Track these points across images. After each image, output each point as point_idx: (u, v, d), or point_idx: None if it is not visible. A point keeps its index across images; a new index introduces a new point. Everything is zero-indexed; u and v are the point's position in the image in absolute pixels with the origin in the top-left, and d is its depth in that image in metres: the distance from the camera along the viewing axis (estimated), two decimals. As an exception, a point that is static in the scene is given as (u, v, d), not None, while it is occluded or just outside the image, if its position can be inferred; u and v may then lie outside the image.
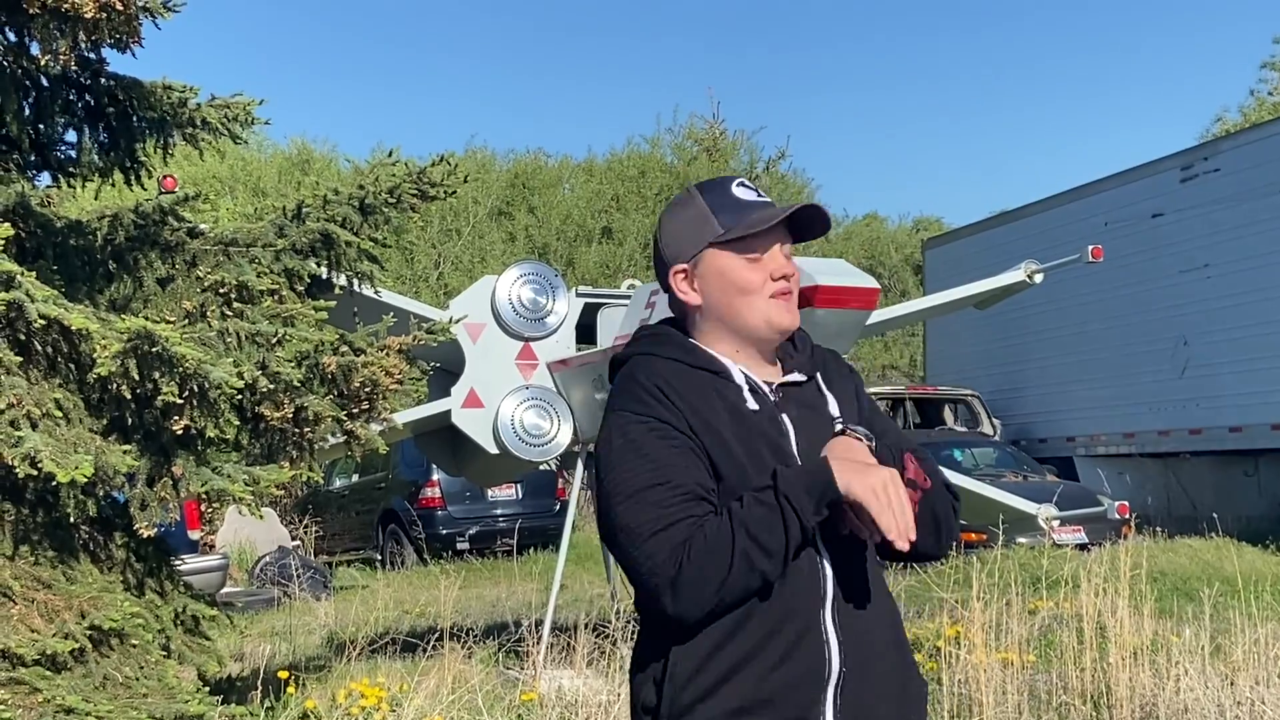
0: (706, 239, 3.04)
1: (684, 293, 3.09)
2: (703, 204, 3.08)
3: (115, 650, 6.58)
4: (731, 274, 3.04)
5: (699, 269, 3.06)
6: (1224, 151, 20.65)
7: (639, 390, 2.98)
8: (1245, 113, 40.13)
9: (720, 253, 3.04)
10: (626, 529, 2.86)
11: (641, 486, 2.86)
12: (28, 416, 6.26)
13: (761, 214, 3.05)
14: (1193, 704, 7.61)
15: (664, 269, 3.13)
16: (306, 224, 8.00)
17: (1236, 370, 19.45)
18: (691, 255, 3.06)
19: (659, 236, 3.16)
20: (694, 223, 3.07)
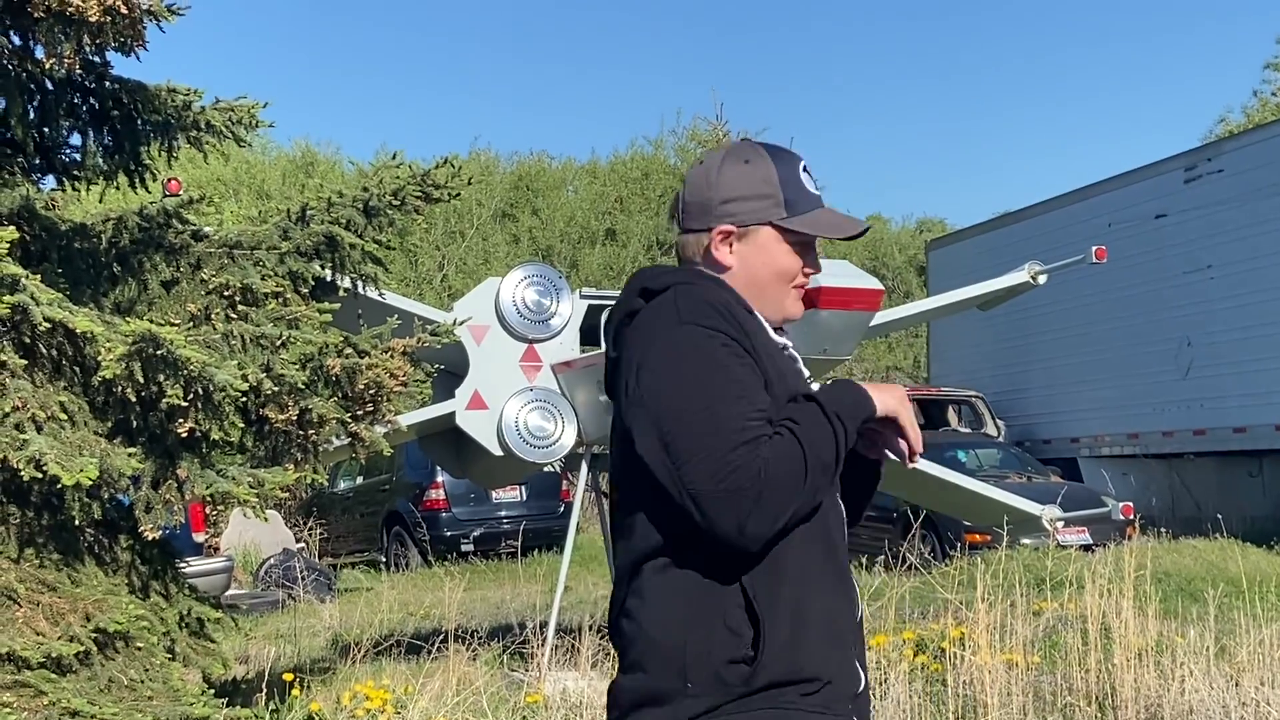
0: (770, 217, 3.02)
1: (719, 252, 3.04)
2: (774, 173, 3.04)
3: (120, 653, 6.59)
4: (779, 259, 3.04)
5: (746, 238, 3.03)
6: (1227, 152, 20.65)
7: (706, 307, 2.88)
8: (1249, 113, 40.09)
9: (775, 234, 3.03)
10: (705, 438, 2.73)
11: (722, 398, 2.77)
12: (33, 419, 6.27)
13: (829, 218, 3.07)
14: (1198, 705, 7.61)
15: (704, 215, 3.05)
16: (311, 226, 8.00)
17: (1240, 371, 19.45)
18: (746, 223, 3.02)
19: (710, 180, 3.06)
20: (760, 190, 3.02)
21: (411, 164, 8.50)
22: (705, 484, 2.70)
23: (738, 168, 3.05)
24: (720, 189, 3.04)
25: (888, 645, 8.27)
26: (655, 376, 2.83)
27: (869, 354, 38.21)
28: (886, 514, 18.38)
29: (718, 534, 2.72)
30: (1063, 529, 13.17)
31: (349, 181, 28.58)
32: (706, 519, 2.72)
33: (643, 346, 2.88)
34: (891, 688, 7.58)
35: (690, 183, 3.11)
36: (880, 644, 8.26)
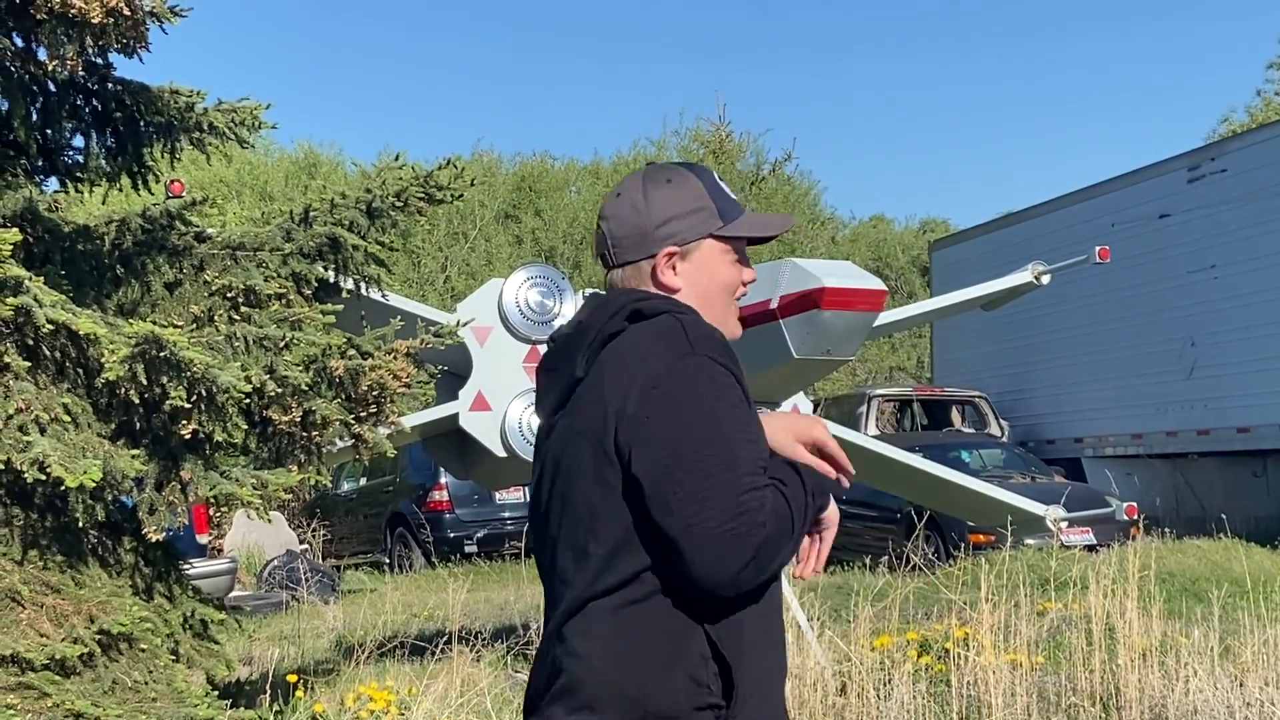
0: (709, 229, 2.98)
1: (666, 275, 2.98)
2: (701, 189, 3.01)
3: (124, 654, 6.59)
4: (722, 272, 3.00)
5: (689, 257, 2.98)
6: (1231, 152, 20.64)
7: (717, 342, 2.82)
8: (1252, 113, 40.08)
9: (717, 246, 2.99)
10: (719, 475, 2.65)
11: (737, 439, 2.70)
12: (36, 421, 6.27)
13: (762, 219, 3.10)
14: (1202, 705, 7.61)
15: (642, 244, 2.99)
16: (313, 228, 8.01)
17: (1244, 371, 19.44)
18: (687, 240, 2.98)
19: (639, 207, 3.00)
20: (694, 205, 2.99)
21: (414, 165, 8.51)
22: (712, 523, 2.62)
23: (663, 189, 3.01)
24: (654, 213, 2.99)
25: (892, 646, 8.27)
26: (670, 404, 2.73)
27: (872, 354, 38.19)
28: (890, 514, 18.39)
29: (708, 576, 2.63)
30: (1067, 529, 13.19)
31: (352, 183, 28.62)
32: (701, 558, 2.63)
33: (647, 369, 2.76)
34: (895, 688, 7.58)
35: (615, 216, 3.04)
36: (884, 645, 8.26)
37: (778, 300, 8.95)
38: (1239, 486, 20.59)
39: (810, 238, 38.78)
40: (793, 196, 40.20)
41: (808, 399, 12.53)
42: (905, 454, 13.08)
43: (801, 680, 7.92)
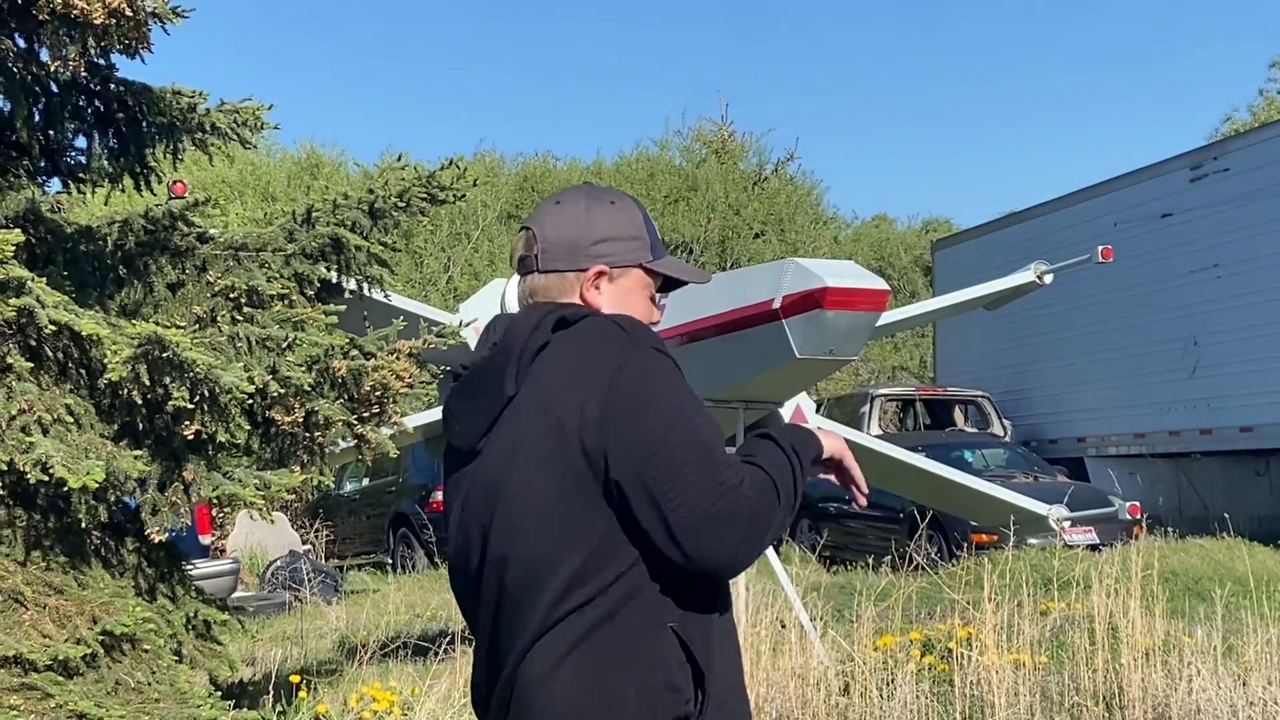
0: (640, 259, 3.03)
1: (592, 293, 2.99)
2: (639, 219, 3.06)
3: (127, 655, 6.59)
4: (640, 301, 3.04)
5: (616, 280, 3.02)
6: (1233, 151, 20.63)
7: (654, 336, 2.87)
8: (1255, 112, 40.10)
9: (642, 278, 3.05)
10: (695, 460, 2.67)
11: (701, 422, 2.74)
12: (39, 422, 6.27)
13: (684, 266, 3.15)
14: (1205, 704, 7.60)
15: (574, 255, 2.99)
16: (316, 228, 8.01)
17: (1247, 370, 19.43)
18: (618, 264, 3.01)
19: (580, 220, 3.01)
20: (630, 232, 3.04)
21: (416, 165, 8.51)
22: (700, 508, 2.63)
23: (606, 209, 3.03)
24: (593, 229, 3.00)
25: (895, 646, 8.27)
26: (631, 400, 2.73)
27: (875, 354, 38.19)
28: (893, 514, 18.39)
29: (708, 559, 2.64)
30: (1069, 529, 13.20)
31: (354, 183, 28.63)
32: (697, 545, 2.63)
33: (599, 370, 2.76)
34: (899, 688, 7.58)
35: (550, 222, 3.03)
36: (887, 644, 8.25)
37: (780, 300, 8.94)
38: (1242, 485, 20.59)
39: (813, 237, 38.80)
40: (795, 196, 40.20)
41: (810, 399, 12.53)
42: (908, 454, 13.07)
43: (805, 680, 7.92)
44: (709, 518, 2.63)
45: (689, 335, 9.89)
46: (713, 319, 9.64)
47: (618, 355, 2.76)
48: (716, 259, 36.86)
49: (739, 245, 37.29)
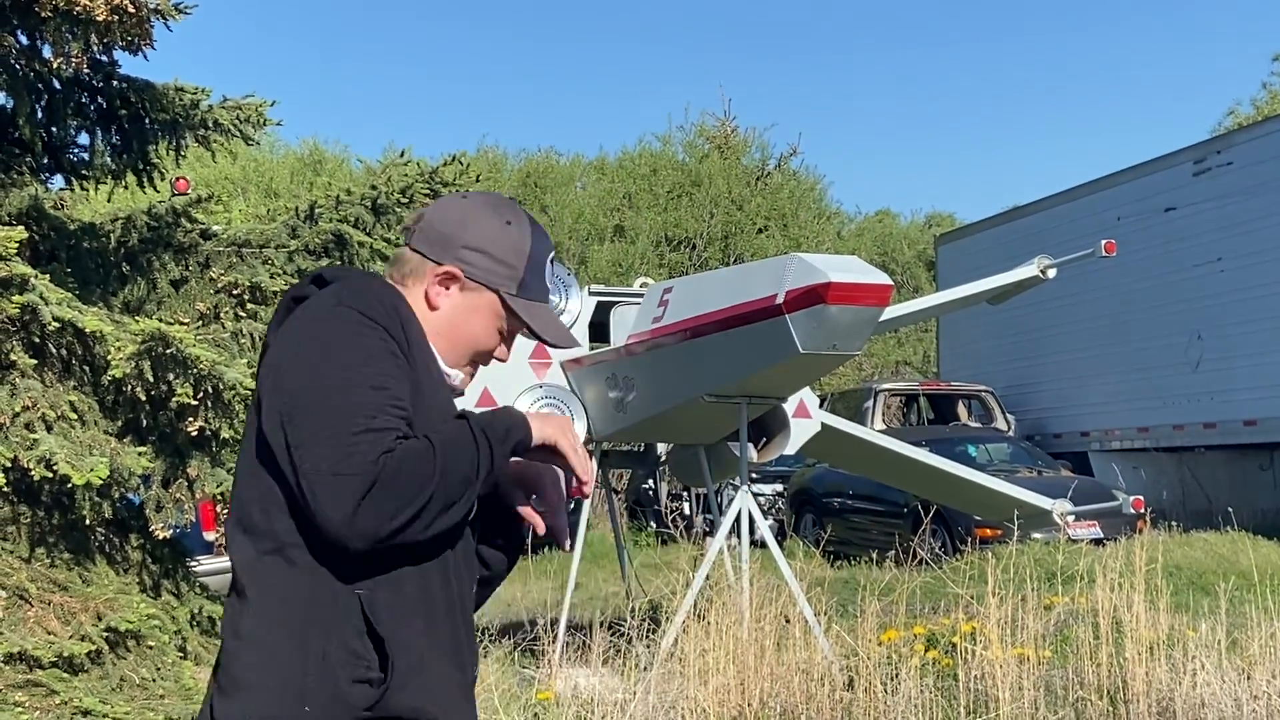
0: (501, 286, 2.90)
1: (436, 293, 2.89)
2: (526, 249, 2.93)
3: (132, 652, 6.59)
4: (482, 329, 2.92)
5: (467, 291, 2.90)
6: (1237, 144, 20.61)
7: (371, 298, 2.74)
8: (1258, 105, 40.07)
9: (495, 305, 2.90)
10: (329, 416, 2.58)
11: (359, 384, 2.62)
12: (43, 419, 6.28)
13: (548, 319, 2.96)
14: (1209, 698, 7.60)
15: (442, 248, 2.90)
16: (319, 224, 8.01)
17: (1251, 364, 19.42)
18: (476, 279, 2.89)
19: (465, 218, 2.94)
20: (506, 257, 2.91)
21: (419, 161, 8.52)
22: (322, 464, 2.54)
23: (497, 222, 2.94)
24: (470, 233, 2.91)
25: (899, 640, 8.27)
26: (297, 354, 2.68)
27: (879, 349, 38.21)
28: (897, 509, 18.40)
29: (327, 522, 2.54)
30: (1073, 523, 13.20)
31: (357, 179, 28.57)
32: (318, 503, 2.54)
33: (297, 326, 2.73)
34: (903, 683, 7.57)
35: (443, 208, 2.98)
36: (891, 639, 8.25)
37: (783, 295, 8.94)
38: (1246, 479, 20.58)
39: (816, 232, 38.77)
40: (798, 191, 40.17)
41: (814, 394, 12.53)
42: (912, 448, 13.08)
43: (809, 675, 7.92)
44: (330, 478, 2.53)
45: (692, 331, 9.89)
46: (716, 314, 9.63)
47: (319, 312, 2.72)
48: (719, 254, 36.86)
49: (742, 240, 37.27)
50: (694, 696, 7.68)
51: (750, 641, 8.05)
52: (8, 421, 6.20)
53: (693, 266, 35.69)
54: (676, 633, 8.56)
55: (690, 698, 7.68)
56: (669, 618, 9.10)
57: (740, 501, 10.15)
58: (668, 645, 8.51)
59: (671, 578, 9.45)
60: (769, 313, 9.08)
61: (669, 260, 36.26)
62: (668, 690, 7.85)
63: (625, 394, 10.65)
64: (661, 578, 9.73)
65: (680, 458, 12.56)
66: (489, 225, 2.93)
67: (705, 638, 8.09)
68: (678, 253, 36.95)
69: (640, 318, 10.71)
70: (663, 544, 19.03)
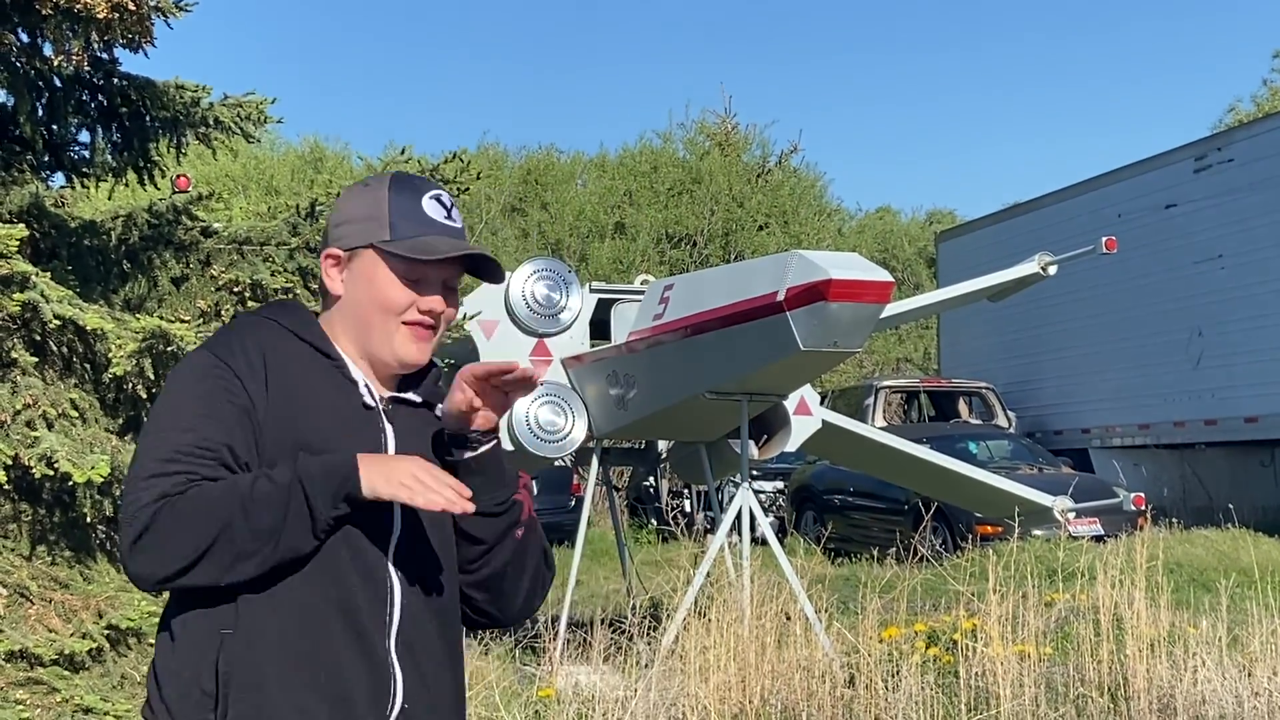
0: (371, 239, 2.78)
1: (330, 279, 2.84)
2: (384, 197, 2.81)
3: (133, 649, 6.59)
4: (381, 286, 2.78)
5: (352, 263, 2.80)
6: (1237, 141, 20.62)
7: (234, 342, 2.76)
8: (1258, 102, 40.06)
9: (379, 259, 2.78)
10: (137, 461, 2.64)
11: (174, 425, 2.65)
12: (44, 417, 6.27)
13: (434, 241, 2.79)
14: (1210, 695, 7.61)
15: (323, 241, 2.87)
16: (320, 222, 7.99)
17: (1251, 360, 19.42)
18: (351, 246, 2.80)
19: (337, 206, 2.91)
20: (367, 212, 2.80)
21: (420, 159, 8.51)
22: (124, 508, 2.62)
23: (353, 195, 2.89)
24: (336, 212, 2.88)
25: (899, 637, 8.27)
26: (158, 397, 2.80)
27: (879, 346, 38.21)
28: (898, 506, 18.42)
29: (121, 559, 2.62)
30: (1074, 520, 13.21)
31: (358, 177, 28.59)
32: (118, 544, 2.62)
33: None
34: (904, 680, 7.58)
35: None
36: (892, 636, 8.26)
37: (784, 293, 8.94)
38: (1246, 476, 20.59)
39: (817, 229, 38.79)
40: (799, 188, 40.18)
41: (815, 391, 12.53)
42: (912, 446, 13.09)
43: (810, 672, 7.92)
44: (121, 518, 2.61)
45: (693, 328, 9.90)
46: (717, 311, 9.64)
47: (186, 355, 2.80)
48: (720, 251, 36.86)
49: (743, 237, 37.28)
50: (695, 693, 7.68)
51: (751, 639, 8.05)
52: (8, 419, 6.20)
53: (693, 264, 35.71)
54: (677, 630, 8.57)
55: (691, 695, 7.68)
56: (670, 615, 9.11)
57: (741, 499, 10.16)
58: (668, 642, 8.52)
59: (672, 575, 9.45)
60: (770, 310, 9.09)
61: (670, 257, 36.28)
62: (669, 687, 7.85)
63: (626, 391, 10.65)
64: (662, 575, 9.74)
65: (681, 455, 12.58)
66: (348, 197, 2.90)
67: (706, 635, 8.10)
68: (678, 250, 36.96)
69: (641, 315, 10.71)
70: (663, 541, 19.03)
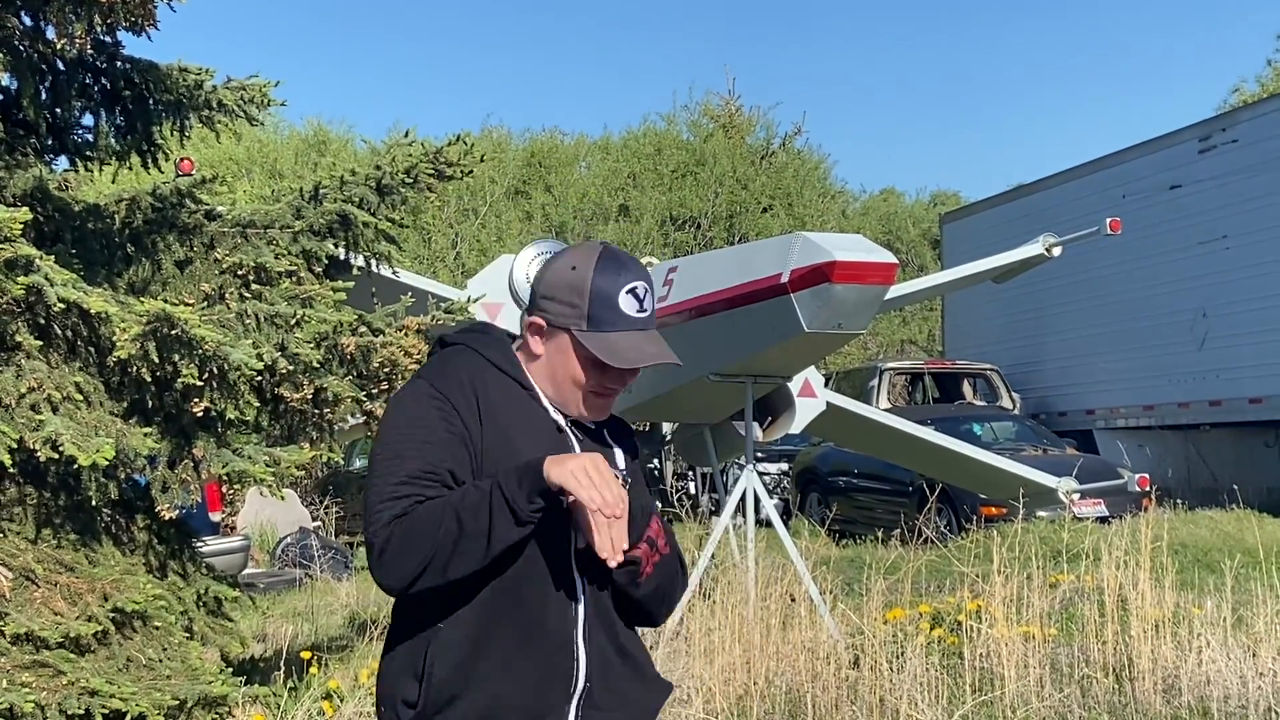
0: (570, 325, 3.12)
1: (532, 342, 3.17)
2: (587, 285, 3.10)
3: (138, 632, 6.60)
4: (573, 367, 3.13)
5: (552, 337, 3.15)
6: (1242, 122, 20.57)
7: (447, 370, 3.14)
8: (1263, 83, 39.97)
9: (574, 342, 3.12)
10: (374, 486, 3.00)
11: (402, 453, 3.01)
12: (49, 400, 6.28)
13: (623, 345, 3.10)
14: (1215, 675, 7.61)
15: (530, 302, 3.20)
16: (324, 205, 8.00)
17: (1256, 341, 19.40)
18: (552, 324, 3.14)
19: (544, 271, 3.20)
20: (569, 296, 3.11)
21: (424, 142, 8.49)
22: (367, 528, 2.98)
23: (562, 269, 3.16)
24: (543, 283, 3.18)
25: (904, 619, 8.28)
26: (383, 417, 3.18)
27: (884, 328, 38.21)
28: (903, 488, 18.40)
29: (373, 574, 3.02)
30: (1079, 501, 13.21)
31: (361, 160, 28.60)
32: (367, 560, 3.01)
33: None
34: (908, 661, 7.59)
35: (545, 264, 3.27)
36: (897, 617, 8.27)
37: (789, 274, 8.93)
38: (1251, 457, 20.58)
39: (820, 211, 38.77)
40: (803, 170, 40.14)
41: (819, 373, 12.53)
42: (917, 427, 13.09)
43: (815, 654, 7.93)
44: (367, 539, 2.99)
45: (697, 310, 9.89)
46: (721, 293, 9.63)
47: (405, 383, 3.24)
48: (724, 233, 36.85)
49: (747, 220, 37.26)
50: (700, 675, 7.69)
51: (756, 620, 8.06)
52: (14, 403, 6.21)
53: (697, 246, 35.70)
54: (682, 612, 8.57)
55: (696, 676, 7.69)
56: (675, 597, 9.09)
57: (745, 481, 10.15)
58: (673, 624, 8.52)
59: (677, 557, 9.45)
60: (774, 291, 9.08)
61: (674, 240, 36.26)
62: (673, 669, 7.86)
63: (630, 373, 10.64)
64: (667, 557, 9.73)
65: (685, 437, 12.57)
66: (556, 272, 3.16)
67: (711, 617, 8.11)
68: (682, 232, 36.95)
69: (645, 297, 10.69)
70: (668, 523, 19.02)
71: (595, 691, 3.11)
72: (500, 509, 2.89)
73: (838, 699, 7.51)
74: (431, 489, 2.97)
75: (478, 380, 3.11)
